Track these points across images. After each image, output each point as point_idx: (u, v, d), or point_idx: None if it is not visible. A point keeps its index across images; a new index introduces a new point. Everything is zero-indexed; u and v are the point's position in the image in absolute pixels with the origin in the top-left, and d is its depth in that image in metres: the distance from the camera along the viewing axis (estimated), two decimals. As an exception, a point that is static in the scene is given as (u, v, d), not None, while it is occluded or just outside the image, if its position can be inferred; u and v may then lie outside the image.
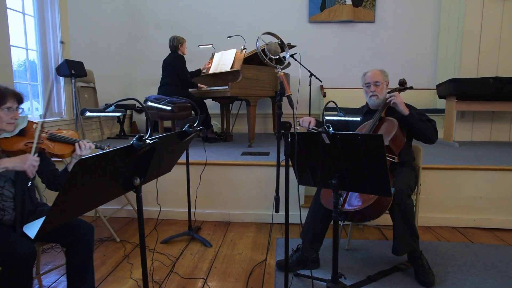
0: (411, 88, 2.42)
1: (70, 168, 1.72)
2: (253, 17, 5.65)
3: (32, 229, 1.53)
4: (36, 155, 1.55)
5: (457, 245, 2.53)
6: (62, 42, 1.84)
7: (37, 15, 3.88)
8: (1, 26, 3.22)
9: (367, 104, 2.44)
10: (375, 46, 5.59)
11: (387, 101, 2.23)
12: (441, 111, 4.80)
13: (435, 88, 4.72)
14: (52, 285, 2.06)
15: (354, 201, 1.93)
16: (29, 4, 3.81)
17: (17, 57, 3.73)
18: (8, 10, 3.33)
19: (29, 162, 1.51)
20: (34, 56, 3.93)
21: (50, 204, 1.78)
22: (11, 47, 3.37)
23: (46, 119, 3.96)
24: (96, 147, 1.77)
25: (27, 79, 3.85)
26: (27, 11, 3.77)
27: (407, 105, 2.26)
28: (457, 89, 4.18)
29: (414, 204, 2.09)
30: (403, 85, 2.41)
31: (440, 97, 4.67)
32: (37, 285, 2.06)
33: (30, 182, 1.61)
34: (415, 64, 5.54)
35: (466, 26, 4.76)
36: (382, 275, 2.09)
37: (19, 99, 1.66)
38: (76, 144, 1.71)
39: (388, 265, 2.20)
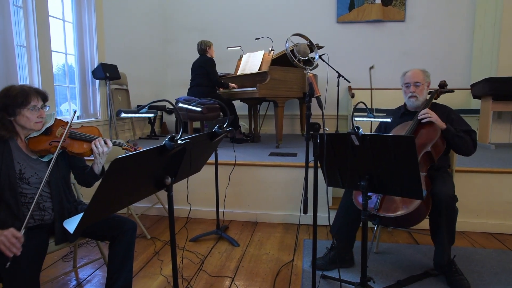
0: (452, 91, 2.31)
1: (94, 167, 1.75)
2: (280, 18, 5.66)
3: (71, 224, 1.61)
4: (23, 232, 1.43)
5: (493, 252, 2.42)
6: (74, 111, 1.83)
7: (76, 22, 4.09)
8: (44, 32, 3.43)
9: (404, 104, 2.36)
10: (406, 45, 5.45)
11: (418, 117, 2.11)
12: (476, 111, 4.60)
13: (469, 88, 4.54)
14: (87, 278, 2.17)
15: (393, 207, 1.89)
16: (68, 11, 4.02)
17: (57, 61, 3.94)
18: (49, 17, 3.53)
19: (1, 240, 1.37)
20: (72, 60, 4.14)
21: (86, 201, 1.88)
22: (52, 52, 3.58)
23: (81, 120, 4.15)
24: (114, 144, 1.76)
25: (66, 82, 4.06)
26: (66, 18, 3.98)
27: (444, 108, 2.18)
28: (494, 89, 4.00)
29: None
30: (443, 87, 2.30)
31: (474, 97, 4.48)
32: (74, 277, 2.18)
33: (8, 263, 1.37)
34: (448, 64, 5.34)
35: (504, 22, 4.54)
36: (412, 280, 2.03)
37: (43, 97, 1.67)
38: (92, 144, 1.70)
39: (419, 270, 2.14)
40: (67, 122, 1.77)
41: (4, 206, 1.59)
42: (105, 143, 1.72)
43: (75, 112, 1.74)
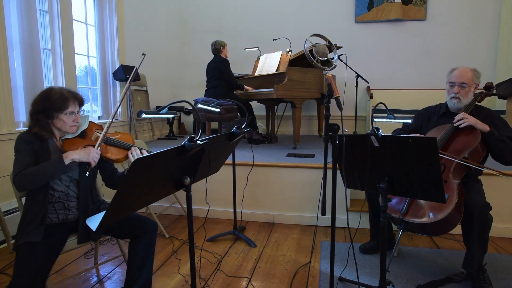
0: (497, 94, 2.20)
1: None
2: (298, 19, 5.64)
3: (94, 222, 1.65)
4: (99, 148, 1.67)
5: (520, 258, 2.33)
6: (143, 54, 1.89)
7: (98, 25, 4.19)
8: (68, 36, 3.53)
9: (446, 104, 2.20)
10: (427, 45, 5.32)
11: (454, 124, 2.00)
12: (501, 112, 4.44)
13: (494, 88, 4.40)
14: (108, 275, 2.22)
15: (421, 213, 1.85)
16: (91, 14, 4.13)
17: (79, 63, 4.05)
18: (73, 21, 3.64)
19: (93, 154, 1.63)
20: (94, 62, 4.25)
21: (108, 200, 1.92)
22: (75, 55, 3.69)
23: (102, 120, 4.25)
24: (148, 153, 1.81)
25: (88, 84, 4.17)
26: (89, 21, 4.09)
27: (489, 112, 2.08)
28: (521, 89, 3.86)
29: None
30: (489, 90, 2.16)
31: (499, 97, 4.32)
32: (95, 274, 2.23)
33: (88, 172, 1.67)
34: (472, 63, 5.05)
35: (532, 20, 4.37)
36: (433, 285, 1.98)
37: (80, 102, 1.75)
38: (129, 153, 1.78)
39: (441, 275, 2.09)
40: (101, 126, 1.84)
41: (31, 200, 1.65)
42: (141, 152, 1.79)
43: (111, 122, 1.78)
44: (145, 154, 1.77)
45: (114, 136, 1.85)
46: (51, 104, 1.63)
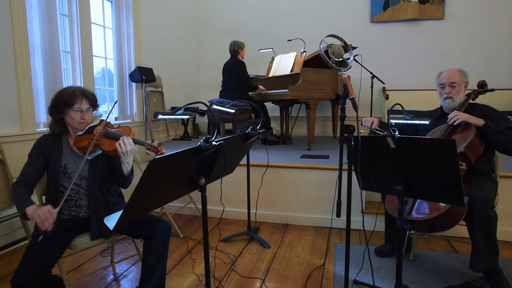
0: (492, 90, 2.20)
1: (123, 168, 1.71)
2: (313, 19, 5.62)
3: (111, 221, 1.69)
4: (57, 210, 1.55)
5: (542, 264, 2.26)
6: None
7: (115, 27, 4.27)
8: (86, 38, 3.61)
9: (441, 107, 2.27)
10: (444, 44, 5.22)
11: (449, 123, 2.03)
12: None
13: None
14: (124, 273, 2.25)
15: (423, 209, 1.83)
16: (108, 17, 4.21)
17: (97, 65, 4.13)
18: (91, 24, 3.72)
19: (38, 213, 1.49)
20: (111, 64, 4.33)
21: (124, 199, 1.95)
22: (93, 57, 3.77)
23: (119, 121, 4.33)
24: (136, 143, 1.72)
25: (105, 85, 4.26)
26: (107, 24, 4.18)
27: (484, 107, 2.08)
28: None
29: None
30: (482, 87, 2.19)
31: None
32: (111, 272, 2.28)
33: (40, 237, 1.58)
34: (491, 62, 5.05)
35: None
36: (451, 290, 1.94)
37: (91, 101, 1.77)
38: (116, 142, 1.68)
39: (459, 280, 2.04)
40: (112, 125, 1.86)
41: (48, 198, 1.75)
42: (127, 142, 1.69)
43: (116, 102, 1.78)
44: (132, 142, 1.68)
45: (115, 130, 1.81)
46: (60, 99, 1.71)
